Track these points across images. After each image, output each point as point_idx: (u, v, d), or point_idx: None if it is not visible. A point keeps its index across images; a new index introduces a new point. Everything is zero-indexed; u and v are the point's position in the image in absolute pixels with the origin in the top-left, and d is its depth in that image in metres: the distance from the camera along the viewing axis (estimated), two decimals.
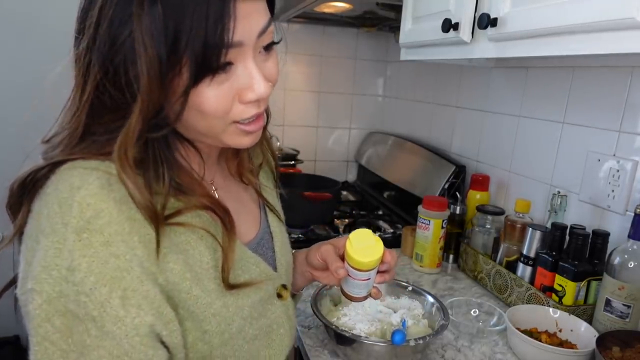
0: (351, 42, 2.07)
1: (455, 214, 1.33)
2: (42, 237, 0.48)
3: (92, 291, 0.46)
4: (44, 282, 0.46)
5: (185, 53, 0.46)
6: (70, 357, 0.46)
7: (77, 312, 0.46)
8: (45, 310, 0.46)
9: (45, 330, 0.46)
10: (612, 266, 0.89)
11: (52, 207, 0.48)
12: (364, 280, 0.66)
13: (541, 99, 1.23)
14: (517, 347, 0.91)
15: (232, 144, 0.57)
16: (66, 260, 0.46)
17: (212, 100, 0.51)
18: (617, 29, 0.65)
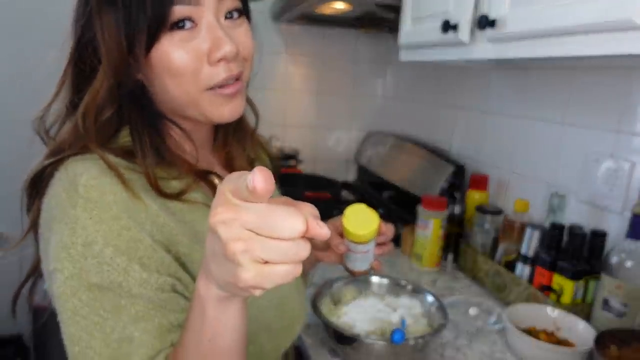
0: (351, 43, 2.08)
1: (454, 213, 1.34)
2: (55, 223, 0.51)
3: (113, 259, 0.49)
4: (64, 261, 0.49)
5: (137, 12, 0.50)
6: (107, 325, 0.48)
7: (101, 283, 0.49)
8: (70, 287, 0.49)
9: (73, 306, 0.49)
10: (609, 265, 0.90)
11: (60, 195, 0.51)
12: (363, 253, 0.68)
13: (540, 100, 1.23)
14: (515, 345, 0.91)
15: (213, 115, 0.58)
16: (81, 237, 0.49)
17: (177, 58, 0.53)
18: (616, 30, 0.66)
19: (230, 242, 0.35)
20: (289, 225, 0.35)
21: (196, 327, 0.45)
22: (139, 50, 0.53)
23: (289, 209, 0.36)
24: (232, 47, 0.54)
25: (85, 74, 0.56)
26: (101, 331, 0.48)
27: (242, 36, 0.58)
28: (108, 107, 0.56)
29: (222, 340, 0.46)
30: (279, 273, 0.36)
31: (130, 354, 0.48)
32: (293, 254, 0.35)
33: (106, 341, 0.48)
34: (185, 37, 0.54)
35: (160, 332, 0.50)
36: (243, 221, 0.35)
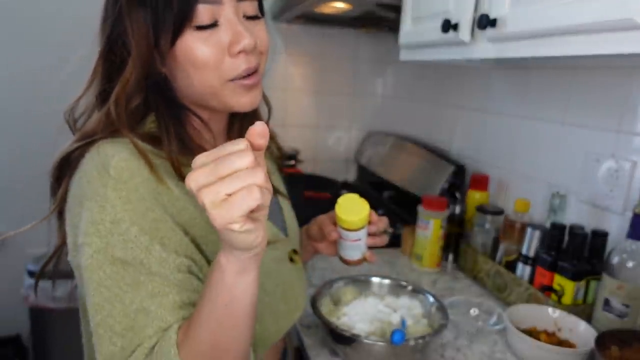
0: (351, 42, 2.08)
1: (454, 213, 1.33)
2: (86, 200, 0.55)
3: (137, 238, 0.54)
4: (92, 236, 0.54)
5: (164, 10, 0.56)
6: (126, 297, 0.53)
7: (125, 258, 0.53)
8: (97, 260, 0.53)
9: (99, 277, 0.53)
10: (610, 266, 0.89)
11: (91, 174, 0.56)
12: (355, 241, 0.71)
13: (541, 100, 1.23)
14: (516, 346, 0.91)
15: (234, 105, 0.63)
16: (109, 214, 0.54)
17: (201, 52, 0.58)
18: (617, 29, 0.66)
19: (198, 193, 0.43)
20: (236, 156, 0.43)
21: (213, 294, 0.50)
22: (165, 44, 0.58)
23: (232, 144, 0.44)
24: (251, 40, 0.59)
25: (115, 65, 0.61)
26: (121, 302, 0.53)
27: (259, 31, 0.63)
28: (136, 96, 0.61)
29: (237, 305, 0.51)
30: (240, 198, 0.42)
31: (146, 325, 0.53)
32: (248, 177, 0.42)
33: (125, 311, 0.53)
34: (208, 34, 0.59)
35: (173, 308, 0.54)
36: (199, 173, 0.43)
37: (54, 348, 1.82)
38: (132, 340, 0.53)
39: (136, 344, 0.53)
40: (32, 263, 1.81)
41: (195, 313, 0.52)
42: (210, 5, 0.57)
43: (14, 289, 1.85)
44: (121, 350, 0.53)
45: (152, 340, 0.53)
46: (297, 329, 0.96)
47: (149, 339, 0.53)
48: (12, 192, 1.85)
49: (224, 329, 0.51)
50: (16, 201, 1.87)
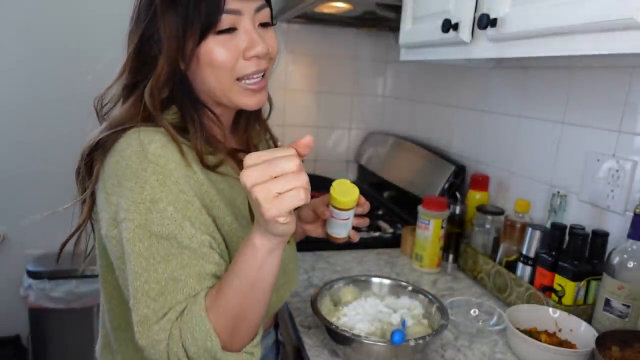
0: (351, 42, 2.07)
1: (455, 214, 1.33)
2: (125, 181, 0.63)
3: (172, 216, 0.62)
4: (134, 212, 0.61)
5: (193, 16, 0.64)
6: (159, 267, 0.61)
7: (161, 233, 0.61)
8: (137, 234, 0.61)
9: (138, 249, 0.61)
10: (611, 266, 0.89)
11: (130, 158, 0.63)
12: (344, 220, 0.79)
13: (541, 99, 1.23)
14: (516, 346, 0.91)
15: (242, 104, 0.72)
16: (149, 195, 0.62)
17: (219, 55, 0.67)
18: (617, 29, 0.65)
19: (251, 189, 0.52)
20: (286, 160, 0.53)
21: (243, 269, 0.59)
22: (191, 45, 0.66)
23: (282, 150, 0.54)
24: (264, 48, 0.69)
25: (146, 61, 0.69)
26: (155, 271, 0.61)
27: (270, 39, 0.73)
28: (165, 89, 0.69)
29: (263, 280, 0.60)
30: (289, 197, 0.52)
31: (176, 291, 0.61)
32: (295, 180, 0.52)
33: (158, 279, 0.61)
34: (228, 39, 0.68)
35: (199, 278, 0.63)
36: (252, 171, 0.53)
37: (54, 348, 1.82)
38: (164, 304, 0.61)
39: (168, 307, 0.61)
40: (32, 263, 1.81)
41: (225, 284, 0.61)
42: (231, 15, 0.67)
43: (14, 289, 1.85)
44: (154, 313, 0.61)
45: (182, 305, 0.61)
46: (297, 329, 0.96)
47: (179, 304, 0.61)
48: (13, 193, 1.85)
49: (249, 299, 0.60)
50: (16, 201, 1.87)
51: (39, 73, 1.85)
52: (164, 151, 0.64)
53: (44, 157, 1.83)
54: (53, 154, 0.70)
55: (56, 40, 1.84)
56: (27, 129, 1.87)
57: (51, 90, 1.86)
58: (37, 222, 0.72)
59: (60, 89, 1.82)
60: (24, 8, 1.79)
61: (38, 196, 1.72)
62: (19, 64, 1.84)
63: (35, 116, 1.87)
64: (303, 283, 1.16)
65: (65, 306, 1.74)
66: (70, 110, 1.74)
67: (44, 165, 1.82)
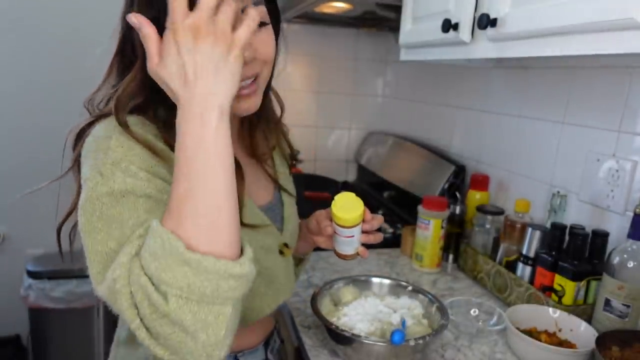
0: (351, 42, 2.07)
1: (455, 213, 1.33)
2: (90, 152, 0.59)
3: (137, 173, 0.57)
4: (95, 173, 0.57)
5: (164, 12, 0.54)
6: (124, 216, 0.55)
7: (123, 189, 0.56)
8: (96, 192, 0.56)
9: (98, 206, 0.56)
10: (611, 266, 0.89)
11: (98, 133, 0.60)
12: (348, 237, 0.75)
13: (541, 99, 1.23)
14: (516, 346, 0.91)
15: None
16: (111, 158, 0.57)
17: None
18: (617, 29, 0.66)
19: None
20: None
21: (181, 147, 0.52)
22: None
23: None
24: (249, 53, 0.62)
25: (125, 65, 0.65)
26: (119, 221, 0.55)
27: (262, 43, 0.65)
28: (138, 96, 0.63)
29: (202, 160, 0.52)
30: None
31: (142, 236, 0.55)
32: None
33: (122, 229, 0.55)
34: None
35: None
36: None
37: (54, 348, 1.82)
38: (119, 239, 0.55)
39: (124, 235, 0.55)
40: (32, 263, 1.81)
41: (173, 190, 0.53)
42: None
43: (14, 289, 1.85)
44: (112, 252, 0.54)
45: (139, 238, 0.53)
46: (297, 329, 0.96)
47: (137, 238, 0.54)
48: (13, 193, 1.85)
49: (193, 179, 0.51)
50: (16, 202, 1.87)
51: (39, 73, 1.85)
52: (135, 129, 0.60)
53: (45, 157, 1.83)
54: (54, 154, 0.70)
55: (57, 40, 1.84)
56: (27, 129, 1.87)
57: (52, 91, 1.86)
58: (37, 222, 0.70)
59: (61, 89, 1.82)
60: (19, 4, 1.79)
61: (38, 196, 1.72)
62: (20, 64, 1.84)
63: (35, 116, 1.87)
64: (303, 283, 1.16)
65: (65, 306, 1.74)
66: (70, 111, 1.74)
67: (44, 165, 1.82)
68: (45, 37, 1.82)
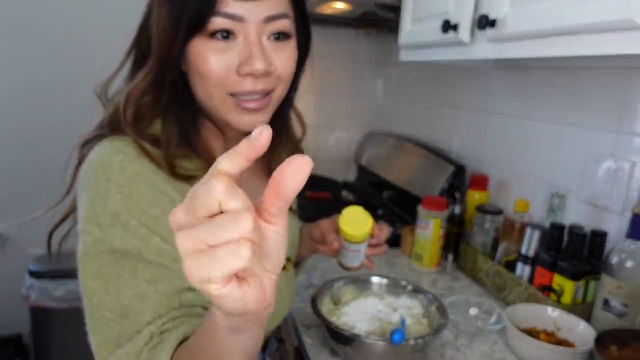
0: (351, 43, 2.08)
1: (454, 213, 1.34)
2: (87, 190, 0.56)
3: (136, 229, 0.54)
4: (93, 226, 0.54)
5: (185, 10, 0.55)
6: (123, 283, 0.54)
7: (123, 249, 0.54)
8: (95, 249, 0.54)
9: (97, 265, 0.54)
10: (610, 265, 0.90)
11: (96, 167, 0.57)
12: (354, 252, 0.74)
13: (540, 100, 1.23)
14: (516, 345, 0.91)
15: (232, 122, 0.62)
16: (110, 207, 0.54)
17: (207, 63, 0.57)
18: (616, 29, 0.66)
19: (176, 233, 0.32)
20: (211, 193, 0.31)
21: (205, 345, 0.45)
22: (178, 44, 0.57)
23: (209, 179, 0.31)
24: (262, 66, 0.58)
25: (140, 57, 0.63)
26: (117, 288, 0.53)
27: (280, 58, 0.61)
28: (149, 93, 0.61)
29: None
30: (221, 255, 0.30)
31: (142, 311, 0.53)
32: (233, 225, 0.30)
33: (119, 299, 0.54)
34: (221, 46, 0.58)
35: (171, 293, 0.55)
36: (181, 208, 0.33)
37: (55, 348, 1.82)
38: (129, 327, 0.53)
39: (134, 330, 0.53)
40: (33, 263, 1.81)
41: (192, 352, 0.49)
42: (229, 20, 0.56)
43: (15, 288, 1.86)
44: (117, 337, 0.53)
45: (151, 328, 0.53)
46: (297, 329, 0.97)
47: (147, 326, 0.53)
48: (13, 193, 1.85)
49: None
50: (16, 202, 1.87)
51: (40, 73, 1.86)
52: (131, 164, 0.56)
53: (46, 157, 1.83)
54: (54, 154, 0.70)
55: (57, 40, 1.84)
56: (27, 129, 1.87)
57: (53, 91, 1.86)
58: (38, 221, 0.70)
59: (61, 89, 1.82)
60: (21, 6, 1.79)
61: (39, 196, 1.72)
62: (20, 64, 1.84)
63: (36, 116, 1.87)
64: (303, 283, 1.17)
65: (66, 305, 1.74)
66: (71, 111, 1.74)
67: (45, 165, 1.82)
68: (45, 36, 1.83)
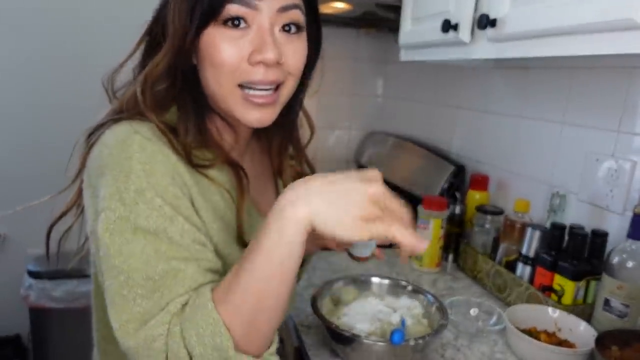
0: (351, 42, 2.07)
1: (454, 213, 1.33)
2: (108, 169, 0.55)
3: (161, 208, 0.54)
4: (116, 202, 0.54)
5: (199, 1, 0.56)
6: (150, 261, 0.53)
7: (147, 227, 0.54)
8: (119, 225, 0.53)
9: (120, 242, 0.53)
10: (610, 266, 0.89)
11: (114, 146, 0.56)
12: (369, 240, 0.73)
13: (540, 99, 1.23)
14: (516, 346, 0.91)
15: (240, 116, 0.62)
16: (134, 184, 0.54)
17: (221, 51, 0.58)
18: (616, 29, 0.66)
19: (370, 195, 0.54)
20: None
21: (267, 248, 0.51)
22: (191, 34, 0.58)
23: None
24: (273, 55, 0.58)
25: (152, 46, 0.62)
26: (145, 264, 0.53)
27: (291, 51, 0.62)
28: (163, 80, 0.61)
29: (291, 263, 0.52)
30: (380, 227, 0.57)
31: (175, 284, 0.54)
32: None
33: (149, 274, 0.53)
34: (235, 34, 0.58)
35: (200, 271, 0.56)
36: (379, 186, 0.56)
37: (54, 348, 1.82)
38: (159, 301, 0.53)
39: (166, 301, 0.53)
40: (32, 263, 1.81)
41: (238, 275, 0.52)
42: (244, 7, 0.57)
43: (14, 289, 1.85)
44: (145, 313, 0.53)
45: (183, 298, 0.54)
46: (297, 329, 0.96)
47: (179, 297, 0.54)
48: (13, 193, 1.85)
49: (273, 285, 0.52)
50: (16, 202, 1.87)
51: (39, 73, 1.85)
52: (151, 143, 0.57)
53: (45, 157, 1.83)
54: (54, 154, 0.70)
55: (57, 39, 1.84)
56: (27, 129, 1.87)
57: (52, 90, 1.86)
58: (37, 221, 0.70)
59: (61, 89, 1.82)
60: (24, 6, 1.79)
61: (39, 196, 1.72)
62: (20, 64, 1.84)
63: (36, 116, 1.87)
64: (303, 283, 1.16)
65: (65, 306, 1.74)
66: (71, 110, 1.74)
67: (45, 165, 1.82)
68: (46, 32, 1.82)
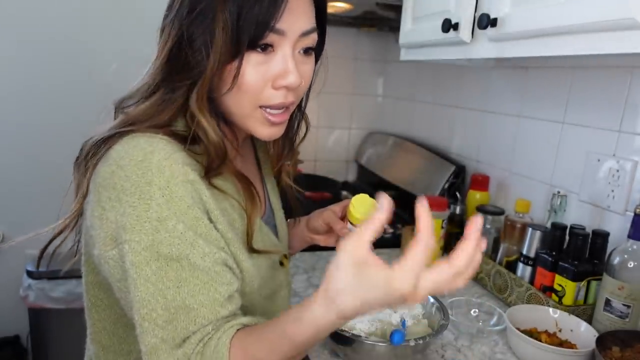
0: (351, 42, 2.07)
1: (455, 214, 1.33)
2: (126, 196, 0.56)
3: (183, 235, 0.56)
4: (139, 233, 0.55)
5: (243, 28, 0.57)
6: (169, 293, 0.56)
7: (170, 255, 0.56)
8: (144, 256, 0.55)
9: (145, 273, 0.55)
10: (611, 266, 0.89)
11: (131, 169, 0.56)
12: None
13: (541, 99, 1.23)
14: (516, 347, 0.91)
15: (255, 132, 0.66)
16: (155, 212, 0.55)
17: (248, 76, 0.59)
18: (617, 29, 0.65)
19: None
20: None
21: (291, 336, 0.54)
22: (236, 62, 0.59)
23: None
24: (297, 80, 0.61)
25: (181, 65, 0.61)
26: (164, 297, 0.55)
27: (305, 72, 0.66)
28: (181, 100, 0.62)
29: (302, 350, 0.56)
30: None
31: (188, 321, 0.56)
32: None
33: (166, 306, 0.55)
34: (261, 59, 0.60)
35: (212, 306, 0.57)
36: None
37: (53, 349, 1.81)
38: (174, 333, 0.56)
39: (181, 337, 0.56)
40: (31, 263, 1.81)
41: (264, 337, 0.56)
42: (274, 34, 0.59)
43: (13, 289, 1.85)
44: (162, 341, 0.56)
45: (197, 336, 0.56)
46: None
47: (193, 335, 0.56)
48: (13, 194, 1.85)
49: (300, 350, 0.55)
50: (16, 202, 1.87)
51: (39, 72, 1.85)
52: (169, 163, 0.57)
53: (45, 157, 1.83)
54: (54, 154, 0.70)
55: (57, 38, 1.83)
56: (27, 129, 1.86)
57: (52, 90, 1.85)
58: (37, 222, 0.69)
59: (61, 88, 1.82)
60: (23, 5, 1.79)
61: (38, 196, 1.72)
62: (19, 63, 1.83)
63: (35, 116, 1.87)
64: (303, 283, 1.16)
65: (65, 306, 1.73)
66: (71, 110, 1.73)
67: (44, 165, 1.82)
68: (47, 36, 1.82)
